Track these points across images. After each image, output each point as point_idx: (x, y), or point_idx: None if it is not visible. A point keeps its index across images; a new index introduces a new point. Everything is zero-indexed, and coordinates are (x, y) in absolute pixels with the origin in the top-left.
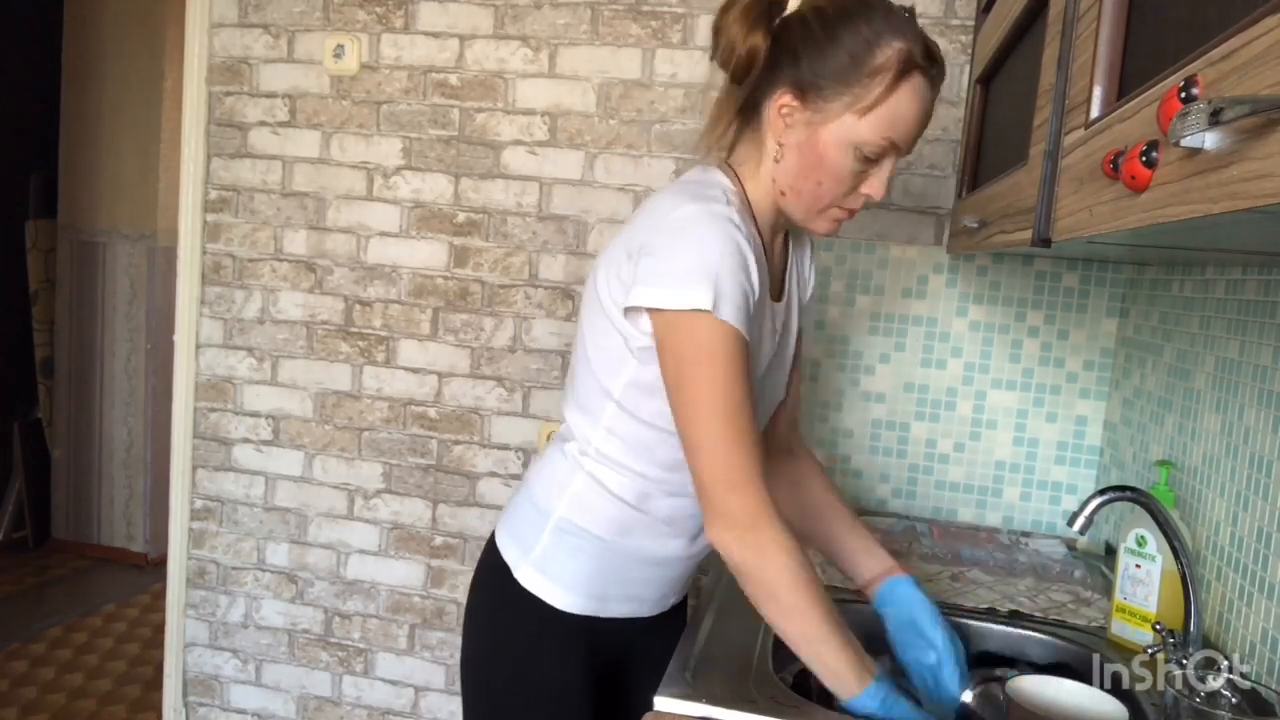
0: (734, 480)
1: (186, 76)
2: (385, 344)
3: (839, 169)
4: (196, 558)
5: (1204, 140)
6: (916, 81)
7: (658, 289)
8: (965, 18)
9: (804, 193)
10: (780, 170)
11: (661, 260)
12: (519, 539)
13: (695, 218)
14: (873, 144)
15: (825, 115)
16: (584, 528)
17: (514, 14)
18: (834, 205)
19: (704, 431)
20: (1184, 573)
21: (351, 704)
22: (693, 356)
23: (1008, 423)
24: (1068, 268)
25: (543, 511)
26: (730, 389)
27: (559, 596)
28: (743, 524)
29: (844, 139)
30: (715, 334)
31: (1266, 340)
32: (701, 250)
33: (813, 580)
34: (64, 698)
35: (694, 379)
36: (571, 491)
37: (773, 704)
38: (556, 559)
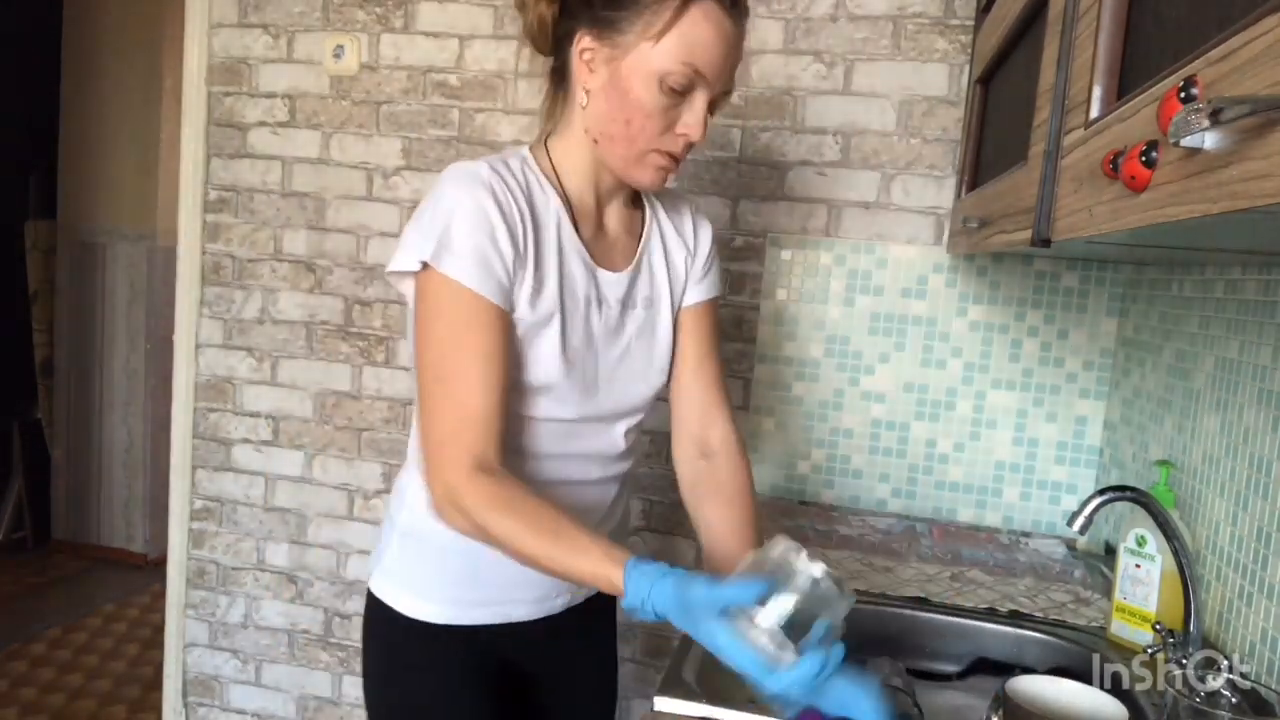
0: (437, 448)
1: (186, 77)
2: (385, 344)
3: (645, 103)
4: (196, 558)
5: (1203, 140)
6: (708, 4)
7: (402, 250)
8: (965, 18)
9: (615, 135)
10: (590, 116)
11: (412, 222)
12: (376, 550)
13: (442, 180)
14: (675, 72)
15: (622, 48)
16: (426, 528)
17: (513, 14)
18: (651, 149)
19: (420, 388)
20: (1184, 573)
21: (351, 704)
22: (421, 313)
23: (1007, 422)
24: (1067, 267)
25: (390, 518)
26: (446, 349)
27: (413, 605)
28: (441, 497)
29: (644, 69)
30: (438, 288)
31: (1266, 340)
32: (436, 209)
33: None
34: (64, 698)
35: (418, 336)
36: (411, 493)
37: (773, 704)
38: (407, 565)
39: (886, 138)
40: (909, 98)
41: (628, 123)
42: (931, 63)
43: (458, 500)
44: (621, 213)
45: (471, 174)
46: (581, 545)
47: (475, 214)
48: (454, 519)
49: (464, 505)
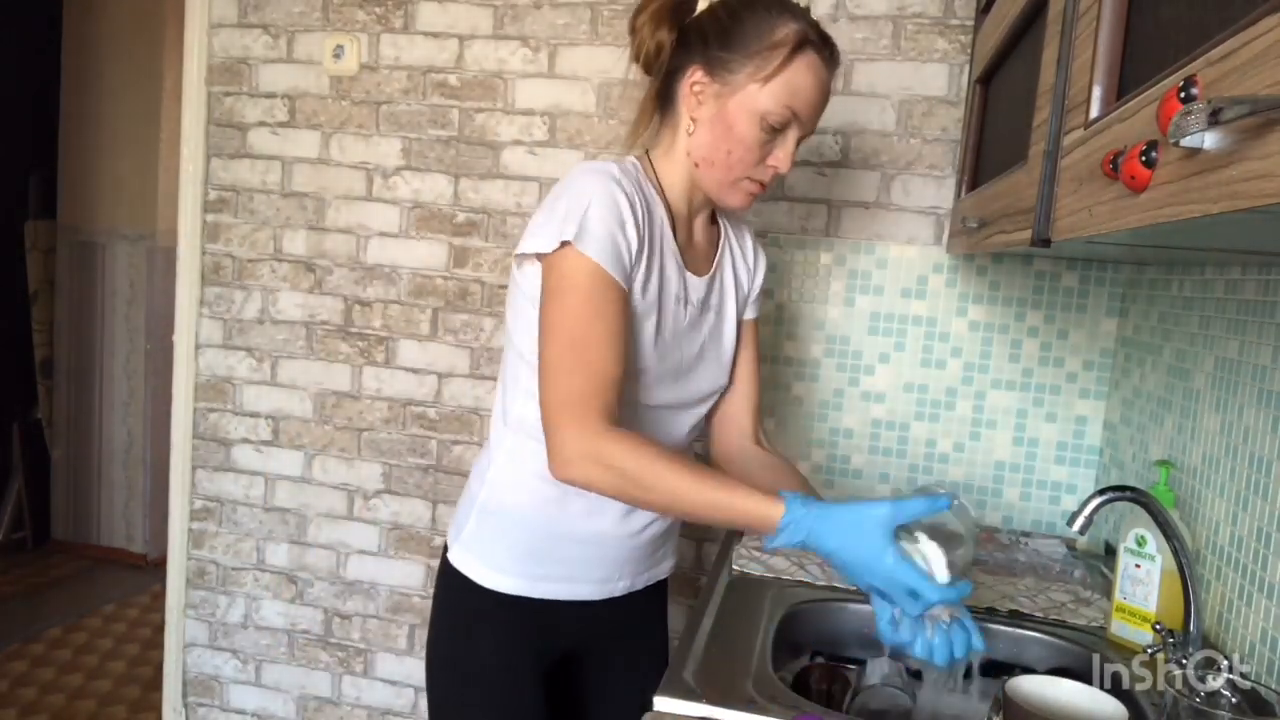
0: (566, 406)
1: (186, 77)
2: (385, 344)
3: (746, 137)
4: (196, 558)
5: (1203, 140)
6: (811, 56)
7: (534, 236)
8: (965, 18)
9: (716, 162)
10: (694, 143)
11: (543, 211)
12: (455, 522)
13: (576, 174)
14: (775, 113)
15: (732, 87)
16: (505, 506)
17: (513, 14)
18: (744, 177)
19: (549, 354)
20: (1184, 572)
21: (351, 704)
22: (555, 286)
23: (1007, 423)
24: (1067, 267)
25: (471, 492)
26: (581, 318)
27: (487, 576)
28: (571, 450)
29: (749, 108)
30: (575, 265)
31: (1266, 340)
32: (574, 196)
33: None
34: (64, 698)
35: (551, 307)
36: (493, 472)
37: (773, 704)
38: (482, 538)
39: (886, 138)
40: (909, 98)
41: (729, 153)
42: (931, 63)
43: (598, 451)
44: (704, 226)
45: (604, 170)
46: (728, 482)
47: (609, 203)
48: (591, 471)
49: (605, 454)
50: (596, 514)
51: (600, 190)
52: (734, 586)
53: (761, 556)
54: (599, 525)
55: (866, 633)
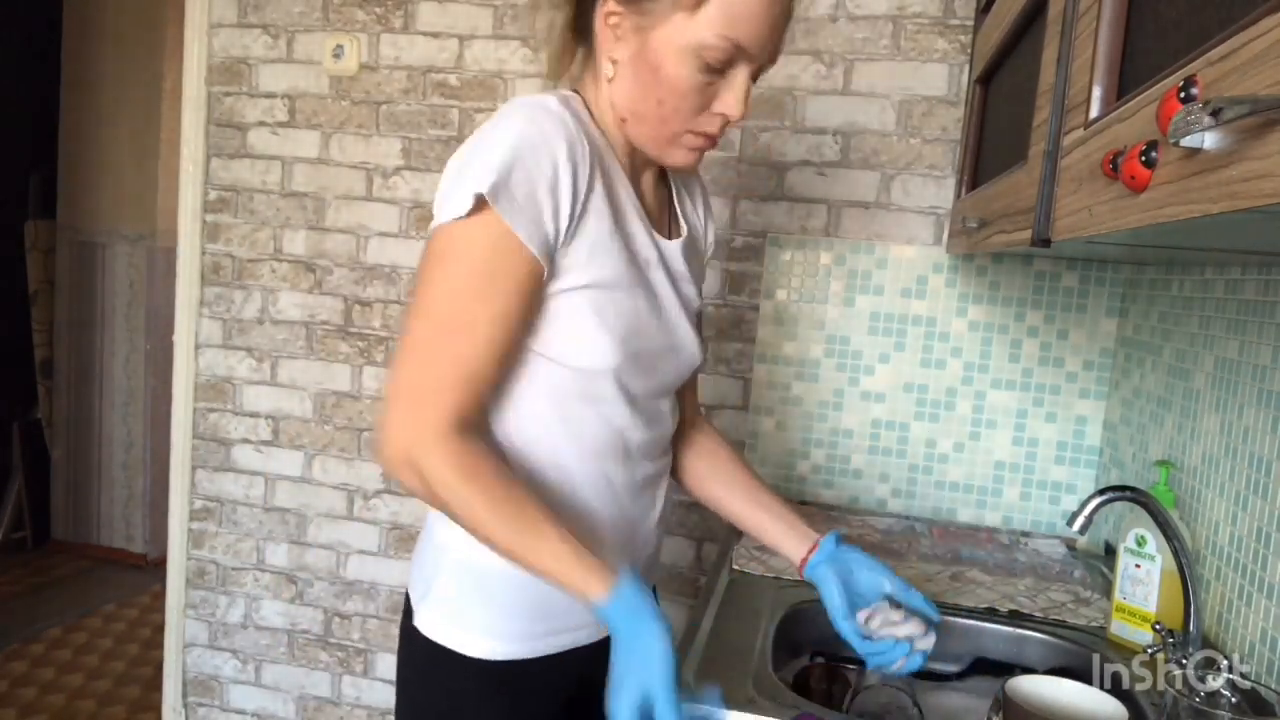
0: (410, 392)
1: (186, 77)
2: (385, 344)
3: (678, 81)
4: (196, 558)
5: (1203, 140)
6: None
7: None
8: (964, 18)
9: (646, 115)
10: (617, 91)
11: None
12: (418, 578)
13: (503, 112)
14: (713, 46)
15: (653, 18)
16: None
17: (513, 14)
18: (686, 130)
19: (410, 333)
20: (1183, 572)
21: (351, 704)
22: (439, 250)
23: (1007, 422)
24: (1067, 267)
25: (438, 544)
26: (462, 296)
27: (472, 643)
28: (396, 446)
29: (679, 42)
30: (476, 230)
31: (1265, 340)
32: (494, 138)
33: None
34: (63, 698)
35: (424, 277)
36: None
37: (773, 704)
38: (462, 596)
39: (886, 138)
40: (909, 98)
41: (660, 103)
42: (931, 63)
43: (419, 463)
44: (652, 182)
45: (539, 104)
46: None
47: (539, 149)
48: (408, 479)
49: (424, 468)
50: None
51: (529, 131)
52: (734, 586)
53: (762, 556)
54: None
55: None
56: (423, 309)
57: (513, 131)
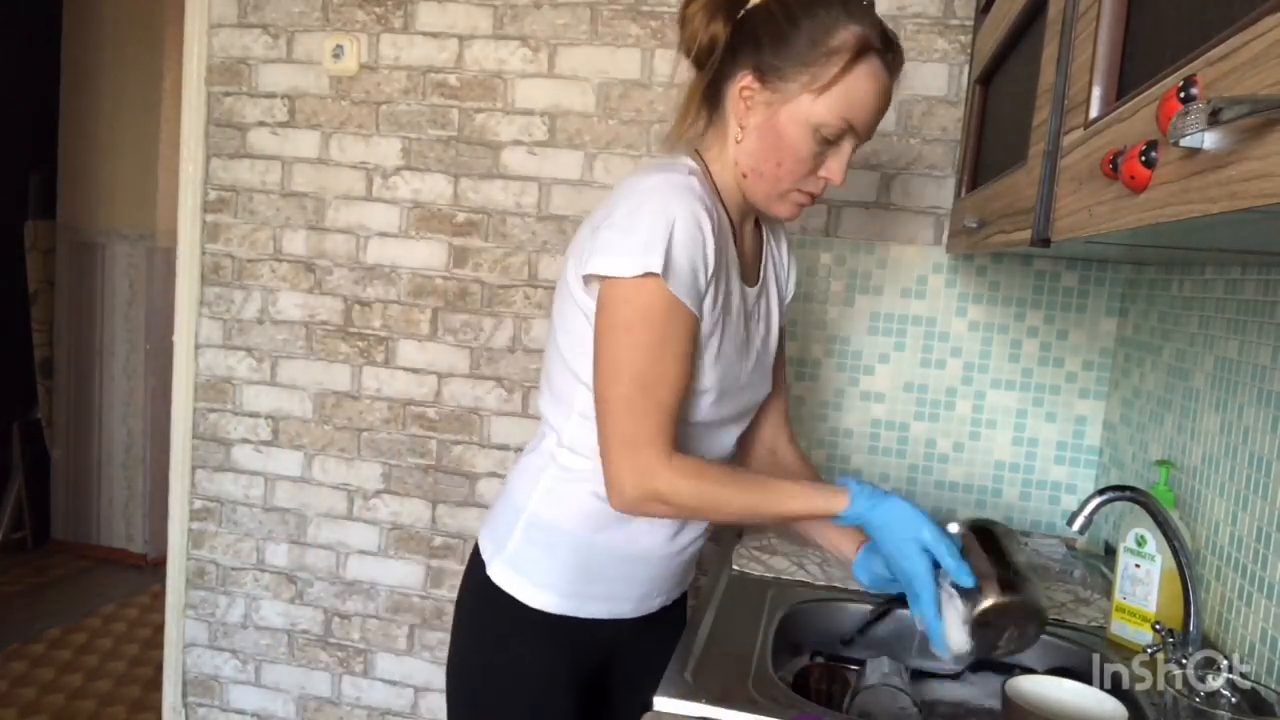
0: (628, 444)
1: (186, 77)
2: (384, 344)
3: (798, 149)
4: (196, 558)
5: (1203, 140)
6: (872, 64)
7: (611, 256)
8: (964, 18)
9: (765, 174)
10: (742, 151)
11: (618, 229)
12: (494, 536)
13: (655, 187)
14: (830, 125)
15: (784, 95)
16: (555, 523)
17: (513, 14)
18: (794, 189)
19: (615, 393)
20: (1183, 572)
21: (351, 704)
22: (626, 320)
23: (1007, 422)
24: (1067, 267)
25: (516, 508)
26: (656, 358)
27: (532, 594)
28: (630, 488)
29: (802, 119)
30: (656, 300)
31: (1265, 340)
32: (656, 217)
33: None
34: (63, 698)
35: (620, 343)
36: (544, 487)
37: (773, 704)
38: (529, 556)
39: (886, 138)
40: (909, 98)
41: (778, 165)
42: (931, 63)
43: (658, 490)
44: (752, 232)
45: (687, 188)
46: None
47: (694, 230)
48: (651, 508)
49: (666, 492)
50: (648, 533)
51: (685, 214)
52: (734, 586)
53: (762, 556)
54: (649, 543)
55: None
56: (623, 371)
57: (673, 213)
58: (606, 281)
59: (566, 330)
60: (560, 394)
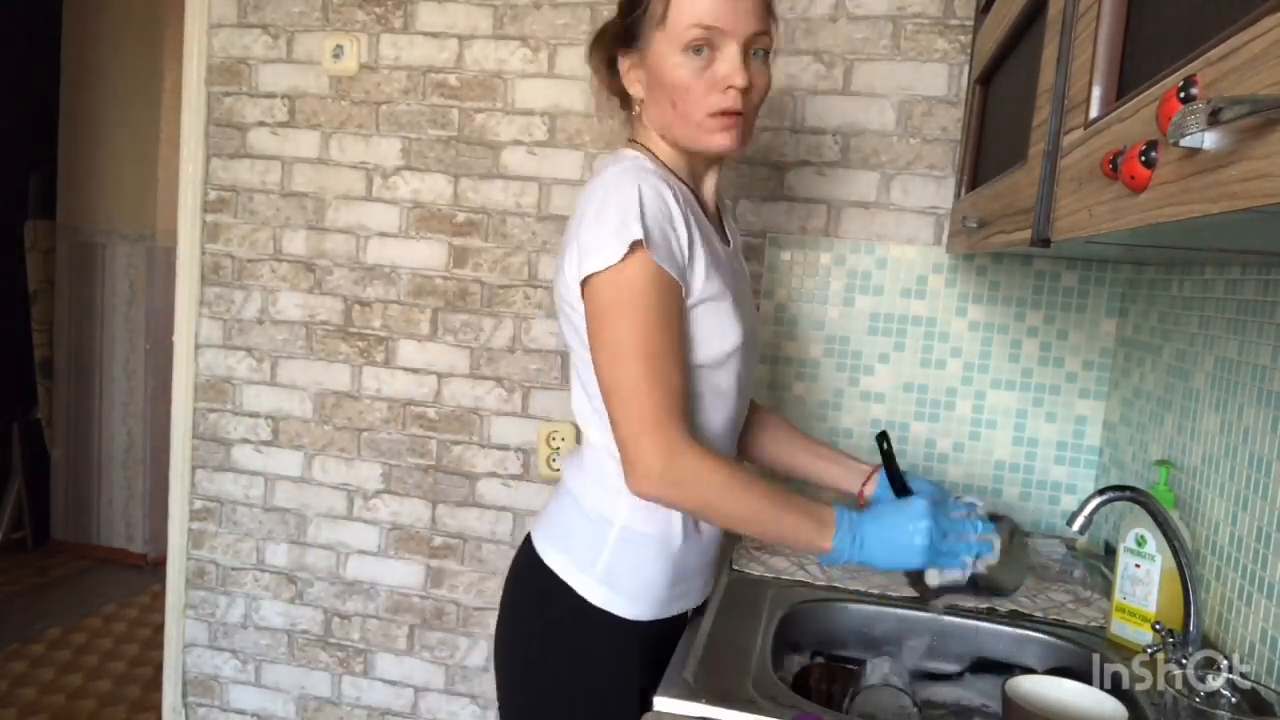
0: (648, 422)
1: (185, 77)
2: (384, 344)
3: (677, 76)
4: (196, 558)
5: (1203, 140)
6: None
7: (595, 253)
8: (964, 18)
9: (672, 120)
10: (649, 115)
11: (589, 228)
12: (574, 554)
13: (607, 178)
14: (687, 38)
15: (645, 44)
16: (648, 533)
17: (513, 14)
18: (704, 114)
19: (620, 374)
20: (1183, 572)
21: (351, 704)
22: (614, 300)
23: (1007, 423)
24: (1067, 267)
25: (600, 521)
26: (652, 330)
27: (626, 607)
28: (658, 467)
29: (663, 50)
30: (640, 274)
31: (1265, 340)
32: (620, 201)
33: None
34: (63, 698)
35: (614, 323)
36: (628, 502)
37: (773, 704)
38: (623, 570)
39: (886, 138)
40: (908, 98)
41: (674, 104)
42: (931, 63)
43: (681, 471)
44: (712, 197)
45: (637, 167)
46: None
47: (657, 202)
48: (670, 491)
49: (687, 475)
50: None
51: (645, 189)
52: (734, 586)
53: (762, 556)
54: (711, 532)
55: (866, 633)
56: (623, 351)
57: (634, 189)
58: (590, 280)
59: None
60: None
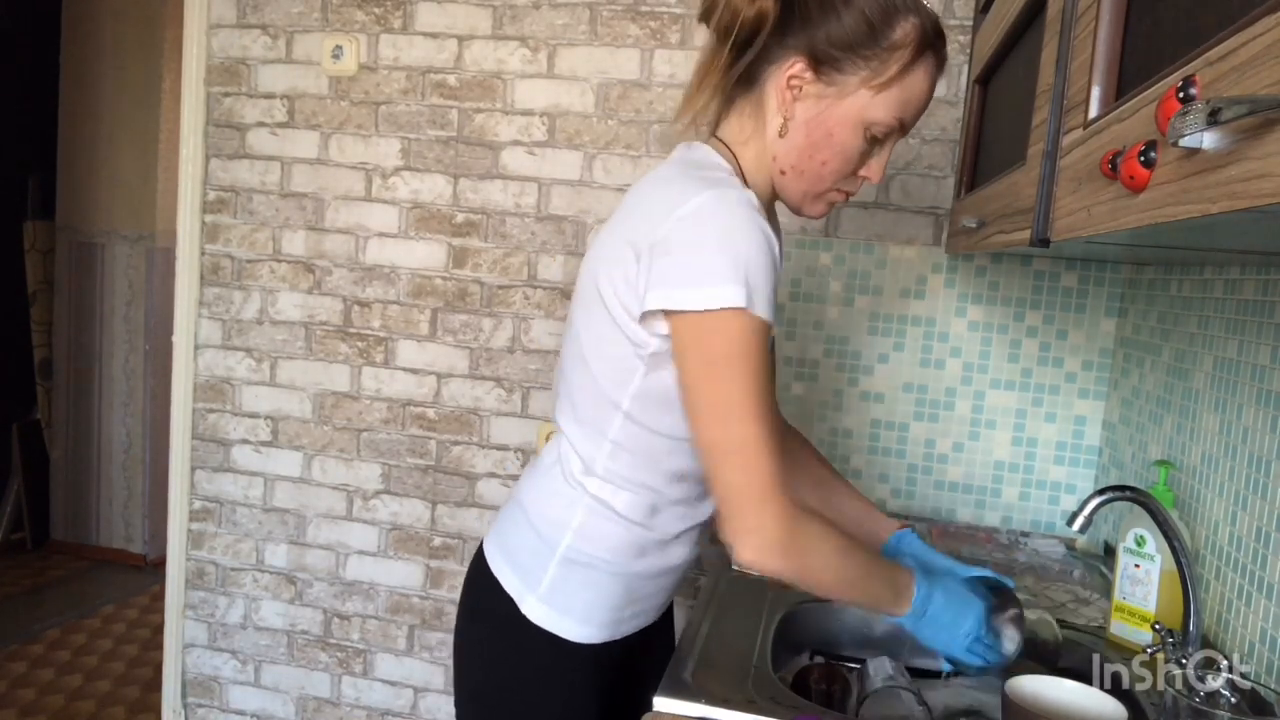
0: (767, 490)
1: (185, 77)
2: (384, 344)
3: (847, 148)
4: (195, 559)
5: (1202, 140)
6: (930, 60)
7: (683, 289)
8: (963, 18)
9: (807, 172)
10: (783, 147)
11: (683, 257)
12: (521, 569)
13: (714, 207)
14: (883, 123)
15: (840, 89)
16: (595, 555)
17: (512, 14)
18: (833, 188)
19: (735, 435)
20: (1183, 572)
21: (350, 705)
22: (724, 355)
23: (1006, 423)
24: (1066, 267)
25: (547, 541)
26: (762, 389)
27: (572, 629)
28: (780, 537)
29: (856, 117)
30: (749, 330)
31: (1265, 340)
32: (727, 242)
33: (846, 548)
34: (63, 699)
35: (724, 378)
36: (578, 520)
37: (772, 704)
38: (567, 591)
39: None
40: None
41: (824, 163)
42: None
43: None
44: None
45: (744, 201)
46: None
47: (761, 245)
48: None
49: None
50: (680, 547)
51: (752, 232)
52: (734, 586)
53: None
54: (678, 556)
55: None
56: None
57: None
58: (685, 316)
59: (604, 356)
60: (589, 419)
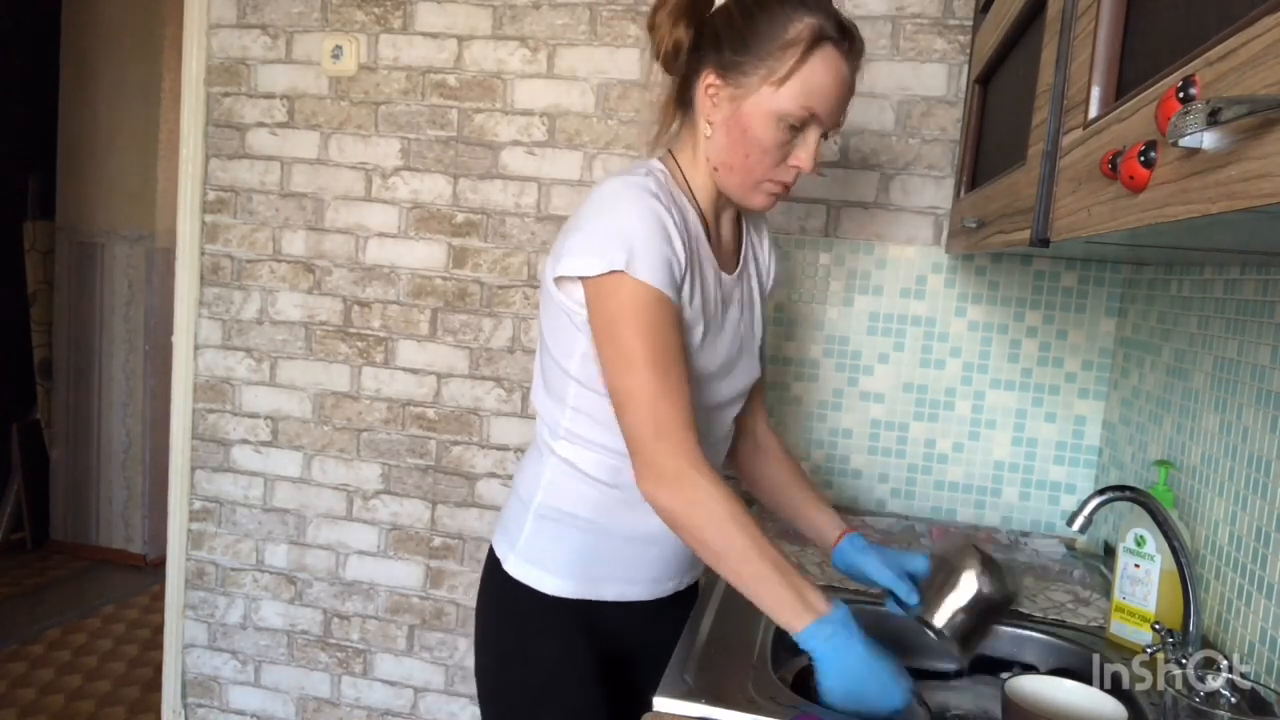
0: (661, 430)
1: (185, 77)
2: (384, 345)
3: (763, 140)
4: (195, 559)
5: (1202, 140)
6: (828, 52)
7: (579, 257)
8: (963, 18)
9: (735, 167)
10: (712, 147)
11: (583, 231)
12: (506, 533)
13: (613, 190)
14: (792, 114)
15: (745, 89)
16: (564, 510)
17: (512, 14)
18: (765, 179)
19: (633, 382)
20: (1183, 572)
21: (350, 705)
22: (616, 313)
23: (1006, 423)
24: (1066, 267)
25: (524, 500)
26: (657, 342)
27: (549, 582)
28: (669, 475)
29: (764, 110)
30: (635, 291)
31: (1265, 340)
32: (616, 216)
33: (743, 523)
34: (62, 699)
35: (618, 335)
36: (547, 479)
37: (772, 704)
38: (541, 545)
39: (885, 138)
40: (908, 98)
41: (746, 156)
42: (930, 63)
43: (694, 484)
44: (730, 223)
45: (641, 186)
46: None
47: (654, 222)
48: (676, 500)
49: (697, 489)
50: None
51: (643, 209)
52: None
53: None
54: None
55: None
56: (635, 357)
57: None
58: (588, 282)
59: (552, 329)
60: (553, 389)
